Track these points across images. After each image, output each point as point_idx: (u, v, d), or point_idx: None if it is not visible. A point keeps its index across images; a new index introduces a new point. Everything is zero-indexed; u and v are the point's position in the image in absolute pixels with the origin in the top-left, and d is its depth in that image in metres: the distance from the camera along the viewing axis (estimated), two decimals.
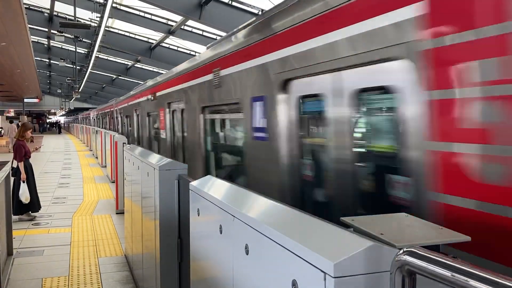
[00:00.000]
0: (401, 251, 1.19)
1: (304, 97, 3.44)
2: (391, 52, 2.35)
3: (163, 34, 23.18)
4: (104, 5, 17.12)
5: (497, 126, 1.79)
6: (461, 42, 1.92)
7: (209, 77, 5.42)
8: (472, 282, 0.98)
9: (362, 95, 2.77)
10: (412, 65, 2.21)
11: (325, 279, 1.31)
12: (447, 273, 1.05)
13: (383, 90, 2.57)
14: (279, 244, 1.61)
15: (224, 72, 4.90)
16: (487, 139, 1.83)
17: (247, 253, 1.93)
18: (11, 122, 30.40)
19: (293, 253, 1.50)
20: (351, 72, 2.79)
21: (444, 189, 2.01)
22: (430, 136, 2.10)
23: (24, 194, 8.63)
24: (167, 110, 8.27)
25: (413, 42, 2.19)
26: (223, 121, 5.75)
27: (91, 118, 35.77)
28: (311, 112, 3.48)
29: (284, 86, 3.55)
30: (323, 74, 3.05)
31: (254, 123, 4.07)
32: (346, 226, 1.59)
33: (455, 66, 1.96)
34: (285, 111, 3.58)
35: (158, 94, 9.14)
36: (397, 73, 2.37)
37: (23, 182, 8.68)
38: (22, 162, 8.71)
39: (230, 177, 5.21)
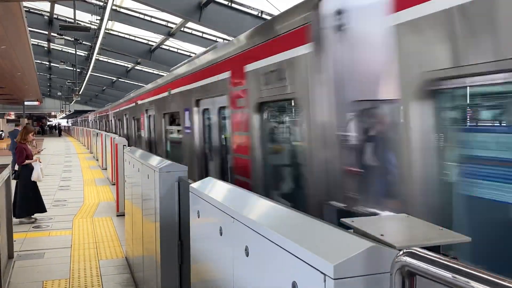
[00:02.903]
0: (401, 252, 1.18)
1: None
2: None
3: (163, 36, 23.18)
4: (104, 8, 17.13)
5: None
6: None
7: None
8: (473, 283, 0.97)
9: None
10: None
11: (325, 280, 1.31)
12: (447, 274, 1.04)
13: None
14: (279, 246, 1.60)
15: None
16: None
17: (247, 255, 1.92)
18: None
19: (293, 254, 1.50)
20: None
21: None
22: None
23: (37, 173, 8.69)
24: None
25: None
26: None
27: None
28: None
29: None
30: None
31: None
32: (346, 227, 1.59)
33: None
34: None
35: None
36: None
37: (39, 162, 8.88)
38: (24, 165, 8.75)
39: None
